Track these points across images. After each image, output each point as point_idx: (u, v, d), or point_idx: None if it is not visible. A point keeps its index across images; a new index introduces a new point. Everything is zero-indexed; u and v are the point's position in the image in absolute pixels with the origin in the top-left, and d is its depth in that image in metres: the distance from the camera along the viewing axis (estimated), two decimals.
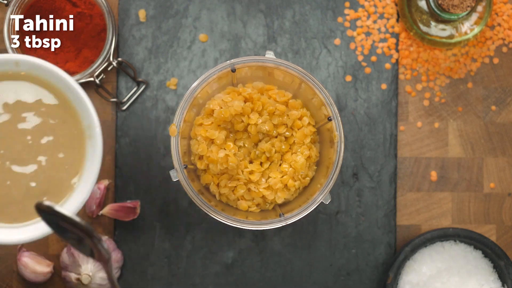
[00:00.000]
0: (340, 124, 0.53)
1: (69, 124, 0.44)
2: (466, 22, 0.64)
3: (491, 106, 0.66)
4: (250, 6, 0.65)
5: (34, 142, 0.43)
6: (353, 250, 0.65)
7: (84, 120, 0.43)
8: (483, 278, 0.62)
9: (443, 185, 0.66)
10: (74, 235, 0.40)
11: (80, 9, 0.61)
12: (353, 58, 0.65)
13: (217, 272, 0.64)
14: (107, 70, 0.62)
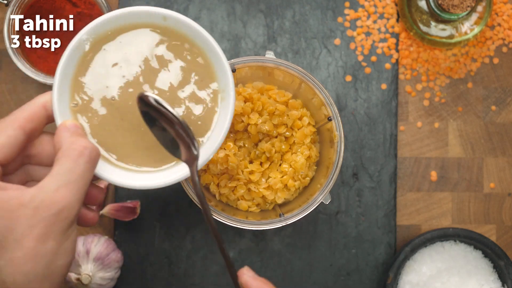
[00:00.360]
0: (340, 124, 0.53)
1: (206, 83, 0.46)
2: (466, 22, 0.64)
3: (491, 106, 0.66)
4: (250, 6, 0.65)
5: (174, 93, 0.46)
6: (353, 250, 0.65)
7: (221, 82, 0.46)
8: (483, 278, 0.62)
9: (443, 185, 0.66)
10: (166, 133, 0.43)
11: (80, 9, 0.61)
12: (353, 58, 0.65)
13: (217, 272, 0.64)
14: None
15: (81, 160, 0.37)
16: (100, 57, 0.45)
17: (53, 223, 0.35)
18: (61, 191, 0.36)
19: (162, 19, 0.45)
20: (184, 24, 0.45)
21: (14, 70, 0.64)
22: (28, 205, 0.35)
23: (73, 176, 0.37)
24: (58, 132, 0.39)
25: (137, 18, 0.45)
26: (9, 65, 0.64)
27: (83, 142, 0.38)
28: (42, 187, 0.36)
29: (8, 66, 0.64)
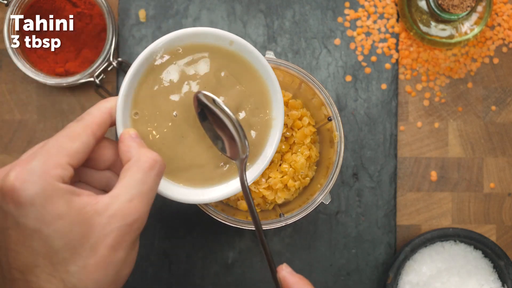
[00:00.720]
0: (340, 124, 0.53)
1: (261, 110, 0.49)
2: (466, 22, 0.64)
3: (491, 106, 0.66)
4: (250, 6, 0.65)
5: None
6: (353, 250, 0.65)
7: (274, 111, 0.49)
8: (483, 278, 0.62)
9: (443, 185, 0.66)
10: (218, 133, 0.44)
11: (80, 9, 0.61)
12: (353, 58, 0.65)
13: (217, 272, 0.64)
14: (107, 70, 0.62)
15: (152, 173, 0.38)
16: (167, 71, 0.45)
17: (126, 233, 0.36)
18: (134, 202, 0.36)
19: (229, 43, 0.46)
20: (247, 50, 0.47)
21: (14, 70, 0.64)
22: (103, 214, 0.36)
23: (145, 188, 0.37)
24: (125, 141, 0.40)
25: (205, 38, 0.46)
26: (9, 65, 0.64)
27: (154, 155, 0.39)
28: (116, 196, 0.36)
29: (8, 66, 0.64)
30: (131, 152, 0.39)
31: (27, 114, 0.64)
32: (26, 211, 0.34)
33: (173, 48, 0.45)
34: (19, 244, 0.35)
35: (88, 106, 0.64)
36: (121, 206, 0.36)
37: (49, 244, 0.34)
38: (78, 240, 0.35)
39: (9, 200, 0.34)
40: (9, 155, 0.64)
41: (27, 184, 0.34)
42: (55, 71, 0.62)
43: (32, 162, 0.35)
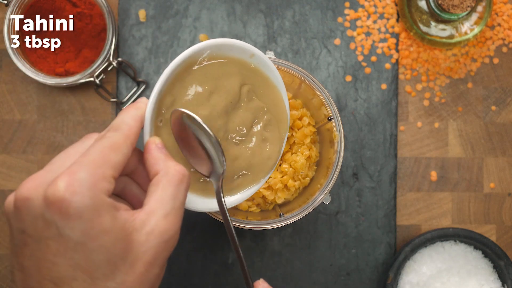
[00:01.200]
0: (340, 124, 0.53)
1: (274, 126, 0.49)
2: (466, 22, 0.64)
3: (491, 106, 0.66)
4: (250, 6, 0.65)
5: (249, 130, 0.49)
6: (353, 250, 0.65)
7: (283, 126, 0.50)
8: (483, 278, 0.62)
9: (443, 185, 0.66)
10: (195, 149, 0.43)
11: (80, 9, 0.61)
12: (353, 58, 0.65)
13: (217, 272, 0.64)
14: (107, 70, 0.62)
15: (182, 187, 0.38)
16: (191, 80, 0.44)
17: (162, 250, 0.36)
18: (169, 218, 0.37)
19: (249, 56, 0.46)
20: (266, 65, 0.47)
21: (14, 70, 0.64)
22: (140, 230, 0.35)
23: (177, 203, 0.37)
24: (152, 152, 0.39)
25: (229, 50, 0.45)
26: (9, 65, 0.64)
27: (182, 169, 0.38)
28: (151, 212, 0.36)
29: (8, 66, 0.64)
30: (159, 164, 0.38)
31: (27, 114, 0.64)
32: (73, 224, 0.33)
33: (199, 59, 0.45)
34: (58, 256, 0.34)
35: (88, 106, 0.64)
36: (157, 223, 0.36)
37: (91, 259, 0.34)
38: (119, 256, 0.34)
39: (55, 211, 0.33)
40: (9, 155, 0.64)
41: (78, 196, 0.33)
42: (55, 71, 0.62)
43: (80, 173, 0.34)
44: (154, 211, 0.36)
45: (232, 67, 0.46)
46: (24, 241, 0.35)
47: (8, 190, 0.64)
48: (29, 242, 0.34)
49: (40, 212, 0.34)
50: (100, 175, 0.35)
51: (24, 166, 0.64)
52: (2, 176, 0.64)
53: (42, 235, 0.34)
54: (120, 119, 0.39)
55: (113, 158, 0.36)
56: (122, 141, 0.37)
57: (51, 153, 0.64)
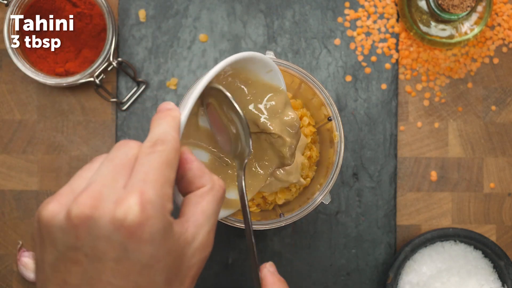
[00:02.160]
0: (340, 124, 0.53)
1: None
2: (466, 22, 0.64)
3: (491, 106, 0.66)
4: (250, 6, 0.65)
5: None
6: (353, 250, 0.65)
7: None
8: (483, 278, 0.62)
9: (443, 185, 0.66)
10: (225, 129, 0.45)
11: (80, 9, 0.61)
12: (353, 58, 0.65)
13: (217, 272, 0.64)
14: (107, 70, 0.62)
15: (221, 203, 0.38)
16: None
17: (203, 265, 0.36)
18: (211, 234, 0.36)
19: (266, 71, 0.47)
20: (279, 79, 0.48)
21: (14, 70, 0.64)
22: (191, 245, 0.35)
23: (215, 219, 0.37)
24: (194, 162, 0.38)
25: (252, 64, 0.46)
26: (9, 65, 0.64)
27: (223, 184, 0.38)
28: (199, 226, 0.36)
29: (8, 66, 0.64)
30: (206, 178, 0.37)
31: (27, 114, 0.64)
32: (145, 248, 0.32)
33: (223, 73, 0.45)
34: (119, 277, 0.32)
35: (88, 106, 0.64)
36: (203, 238, 0.35)
37: (153, 280, 0.33)
38: (174, 273, 0.34)
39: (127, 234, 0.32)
40: (9, 155, 0.64)
41: (152, 221, 0.32)
42: (55, 71, 0.62)
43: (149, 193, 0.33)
44: (201, 225, 0.36)
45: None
46: (75, 259, 0.33)
47: (8, 190, 0.64)
48: (82, 261, 0.33)
49: (106, 233, 0.32)
50: (166, 195, 0.34)
51: (24, 166, 0.64)
52: (2, 176, 0.64)
53: (103, 256, 0.32)
54: (163, 130, 0.37)
55: (171, 176, 0.35)
56: (173, 156, 0.36)
57: (51, 153, 0.64)
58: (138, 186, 0.33)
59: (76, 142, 0.64)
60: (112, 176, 0.34)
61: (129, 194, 0.32)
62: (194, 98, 0.40)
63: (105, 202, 0.32)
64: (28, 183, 0.64)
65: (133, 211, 0.32)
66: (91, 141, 0.64)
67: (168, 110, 0.39)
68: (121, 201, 0.32)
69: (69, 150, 0.64)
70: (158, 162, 0.34)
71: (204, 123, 0.47)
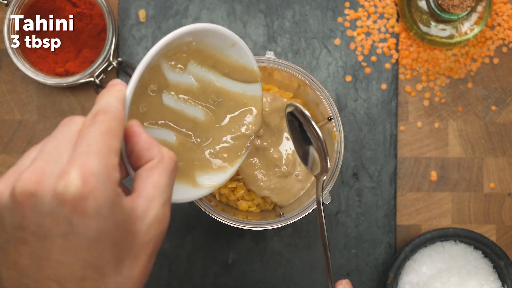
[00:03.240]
0: (340, 124, 0.53)
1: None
2: (466, 22, 0.64)
3: (491, 106, 0.66)
4: (250, 6, 0.65)
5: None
6: (353, 250, 0.65)
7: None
8: (483, 278, 0.62)
9: (443, 185, 0.66)
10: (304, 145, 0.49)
11: (80, 9, 0.61)
12: (353, 58, 0.65)
13: (217, 272, 0.64)
14: (107, 70, 0.62)
15: (173, 176, 0.36)
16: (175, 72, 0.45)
17: (160, 240, 0.35)
18: (166, 208, 0.35)
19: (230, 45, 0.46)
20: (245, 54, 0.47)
21: (14, 70, 0.64)
22: (143, 220, 0.34)
23: (170, 192, 0.36)
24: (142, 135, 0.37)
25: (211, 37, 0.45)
26: (9, 65, 0.64)
27: (175, 157, 0.37)
28: (151, 200, 0.34)
29: (8, 66, 0.64)
30: (154, 150, 0.36)
31: (27, 114, 0.64)
32: (90, 222, 0.31)
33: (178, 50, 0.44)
34: (67, 255, 0.31)
35: (88, 106, 0.64)
36: (157, 212, 0.34)
37: (102, 255, 0.32)
38: (125, 249, 0.33)
39: (70, 208, 0.31)
40: (9, 155, 0.64)
41: (96, 193, 0.31)
42: (55, 71, 0.62)
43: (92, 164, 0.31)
44: (153, 198, 0.34)
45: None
46: (22, 239, 0.32)
47: None
48: (30, 240, 0.32)
49: (50, 209, 0.31)
50: (111, 165, 0.32)
51: None
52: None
53: (50, 234, 0.31)
54: (106, 101, 0.36)
55: (115, 145, 0.34)
56: (117, 125, 0.35)
57: None
58: (80, 158, 0.31)
59: None
60: (56, 152, 0.33)
61: (71, 166, 0.31)
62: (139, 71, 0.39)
63: (48, 177, 0.31)
64: None
65: (75, 183, 0.31)
66: None
67: (114, 85, 0.38)
68: (63, 174, 0.31)
69: None
70: (100, 132, 0.33)
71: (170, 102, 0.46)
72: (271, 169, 0.55)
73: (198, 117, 0.47)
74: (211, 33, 0.44)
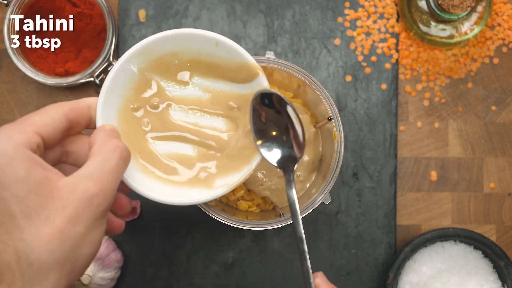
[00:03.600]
0: (340, 124, 0.53)
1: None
2: (466, 22, 0.64)
3: (491, 106, 0.66)
4: (250, 6, 0.65)
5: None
6: (353, 250, 0.65)
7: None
8: (483, 278, 0.62)
9: (443, 185, 0.66)
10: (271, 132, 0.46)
11: (80, 9, 0.61)
12: (353, 58, 0.65)
13: (217, 272, 0.64)
14: (107, 70, 0.62)
15: (114, 155, 0.38)
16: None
17: (85, 207, 0.36)
18: (95, 177, 0.37)
19: (214, 44, 0.45)
20: (235, 52, 0.46)
21: (14, 70, 0.64)
22: (63, 189, 0.36)
23: (107, 167, 0.37)
24: (95, 132, 0.41)
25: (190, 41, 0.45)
26: (9, 65, 0.64)
27: (116, 142, 0.39)
28: (77, 175, 0.37)
29: (8, 66, 0.64)
30: (96, 139, 0.40)
31: (27, 114, 0.64)
32: None
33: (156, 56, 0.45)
34: None
35: None
36: (81, 181, 0.36)
37: (6, 209, 0.34)
38: (34, 208, 0.34)
39: None
40: None
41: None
42: (55, 71, 0.62)
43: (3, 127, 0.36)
44: (80, 172, 0.37)
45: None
46: None
47: None
48: None
49: None
50: (18, 129, 0.36)
51: None
52: None
53: None
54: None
55: (37, 119, 0.38)
56: (52, 108, 0.39)
57: None
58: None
59: None
60: None
61: None
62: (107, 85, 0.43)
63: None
64: None
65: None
66: None
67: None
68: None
69: None
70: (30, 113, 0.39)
71: (180, 116, 0.47)
72: (271, 169, 0.55)
73: (218, 127, 0.47)
74: (187, 37, 0.45)
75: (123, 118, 0.45)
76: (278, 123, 0.46)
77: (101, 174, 0.37)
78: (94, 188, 0.36)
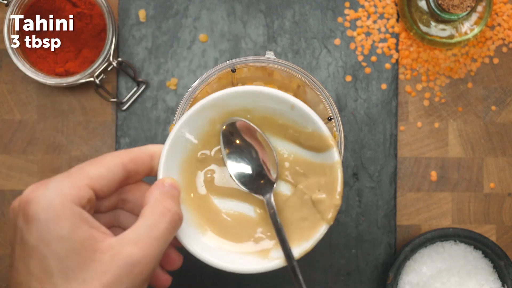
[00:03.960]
0: (340, 124, 0.53)
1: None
2: (466, 22, 0.64)
3: (491, 106, 0.66)
4: (250, 6, 0.65)
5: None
6: (353, 250, 0.65)
7: None
8: (483, 278, 0.62)
9: (443, 185, 0.66)
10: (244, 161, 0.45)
11: (80, 9, 0.61)
12: (353, 58, 0.65)
13: (217, 272, 0.64)
14: (107, 70, 0.62)
15: (163, 219, 0.37)
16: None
17: (125, 274, 0.34)
18: (140, 244, 0.35)
19: (290, 107, 0.44)
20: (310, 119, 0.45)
21: (14, 70, 0.64)
22: (106, 253, 0.34)
23: (155, 233, 0.36)
24: (151, 189, 0.39)
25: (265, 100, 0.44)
26: (9, 65, 0.64)
27: (168, 204, 0.38)
28: (122, 238, 0.35)
29: (8, 66, 0.64)
30: (150, 197, 0.38)
31: (27, 114, 0.64)
32: (31, 226, 0.33)
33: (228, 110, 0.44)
34: (19, 261, 0.33)
35: (88, 106, 0.64)
36: (125, 247, 0.35)
37: (44, 266, 0.33)
38: (72, 269, 0.33)
39: (20, 213, 0.33)
40: (9, 155, 0.64)
41: (38, 198, 0.33)
42: (55, 71, 0.62)
43: (52, 179, 0.34)
44: (126, 236, 0.35)
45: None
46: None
47: (8, 190, 0.64)
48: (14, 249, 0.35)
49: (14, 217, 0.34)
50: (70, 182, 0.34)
51: (24, 166, 0.64)
52: (2, 176, 0.64)
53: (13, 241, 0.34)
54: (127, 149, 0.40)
55: (93, 170, 0.36)
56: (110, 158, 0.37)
57: (51, 153, 0.64)
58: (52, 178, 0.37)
59: (76, 142, 0.64)
60: None
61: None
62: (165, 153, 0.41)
63: None
64: (28, 183, 0.64)
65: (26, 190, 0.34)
66: (91, 141, 0.64)
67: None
68: None
69: (69, 150, 0.64)
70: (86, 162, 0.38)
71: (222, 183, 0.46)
72: None
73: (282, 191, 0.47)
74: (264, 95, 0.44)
75: (186, 170, 0.43)
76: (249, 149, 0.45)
77: (147, 240, 0.35)
78: (137, 255, 0.35)
